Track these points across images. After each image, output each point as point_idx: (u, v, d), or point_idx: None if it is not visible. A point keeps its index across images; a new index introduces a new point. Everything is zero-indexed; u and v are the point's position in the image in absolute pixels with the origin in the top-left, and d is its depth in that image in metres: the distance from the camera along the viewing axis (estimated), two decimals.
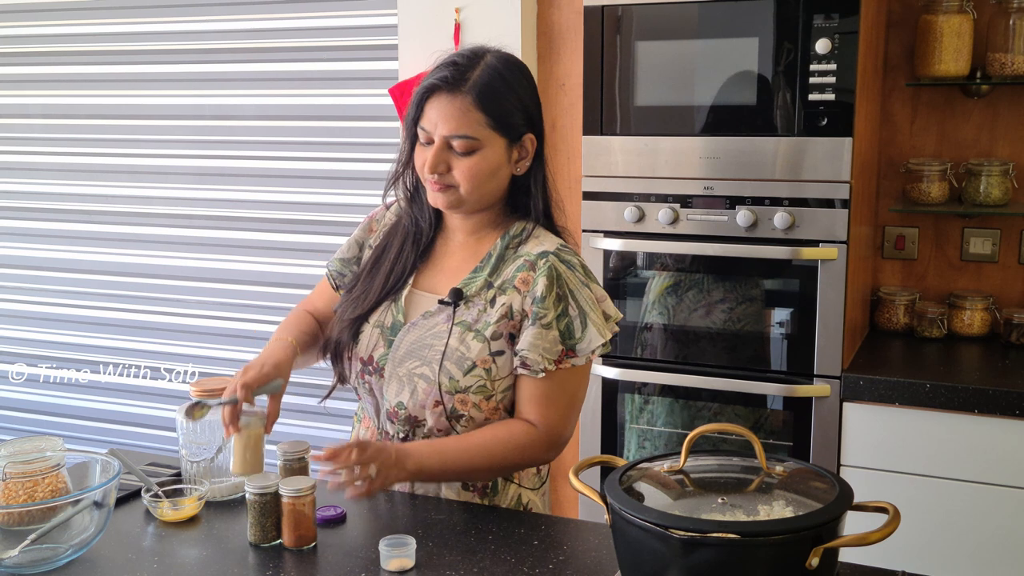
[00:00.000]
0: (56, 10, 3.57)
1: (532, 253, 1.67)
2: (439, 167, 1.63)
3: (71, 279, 3.76)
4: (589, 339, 1.65)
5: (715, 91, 2.41)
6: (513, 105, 1.64)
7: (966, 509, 2.27)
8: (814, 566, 1.14)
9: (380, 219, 1.85)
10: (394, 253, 1.76)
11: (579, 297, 1.66)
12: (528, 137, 1.68)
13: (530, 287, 1.64)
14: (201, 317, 3.57)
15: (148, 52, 3.47)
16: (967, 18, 2.53)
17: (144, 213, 3.60)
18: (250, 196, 3.42)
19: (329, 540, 1.54)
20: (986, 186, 2.58)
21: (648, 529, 1.17)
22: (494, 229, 1.73)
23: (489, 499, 1.71)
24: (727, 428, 1.36)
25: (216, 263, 3.51)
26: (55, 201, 3.73)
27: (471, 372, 1.63)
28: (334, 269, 1.87)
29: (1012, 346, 2.57)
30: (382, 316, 1.71)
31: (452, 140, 1.61)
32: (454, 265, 1.73)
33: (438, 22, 2.88)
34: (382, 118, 3.14)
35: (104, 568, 1.46)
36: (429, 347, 1.65)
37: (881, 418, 2.33)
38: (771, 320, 2.45)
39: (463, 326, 1.65)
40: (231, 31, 3.33)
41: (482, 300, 1.66)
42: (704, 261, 2.48)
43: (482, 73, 1.62)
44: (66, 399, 3.86)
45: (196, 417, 1.68)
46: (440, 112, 1.61)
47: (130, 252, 3.64)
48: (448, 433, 1.67)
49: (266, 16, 3.26)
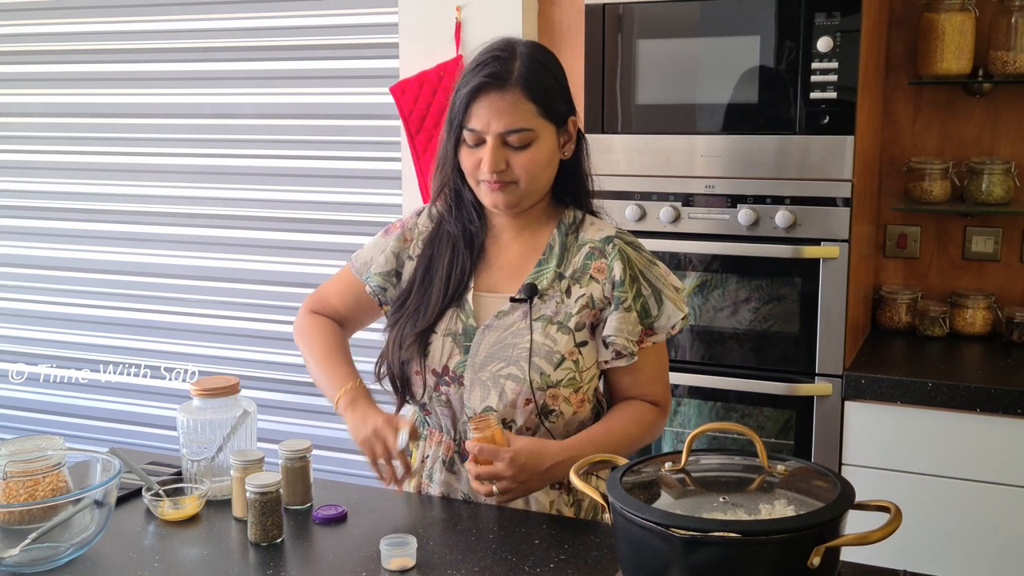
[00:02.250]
0: (57, 8, 3.57)
1: (596, 240, 1.68)
2: (499, 165, 1.60)
3: (72, 278, 3.76)
4: (668, 315, 1.67)
5: (717, 89, 2.40)
6: (555, 90, 1.64)
7: (968, 508, 2.27)
8: (815, 565, 1.14)
9: (413, 227, 1.79)
10: (446, 260, 1.71)
11: (649, 276, 1.68)
12: (571, 120, 1.68)
13: (606, 274, 1.65)
14: (202, 316, 3.56)
15: (149, 50, 3.46)
16: (969, 16, 2.52)
17: (145, 212, 3.59)
18: (251, 195, 3.41)
19: (330, 539, 1.53)
20: (988, 185, 2.58)
21: (650, 528, 1.17)
22: (547, 220, 1.72)
23: (573, 495, 1.70)
24: (728, 427, 1.36)
25: (216, 262, 3.51)
26: (56, 200, 3.73)
27: (561, 365, 1.62)
28: (375, 284, 1.79)
29: (1014, 345, 2.57)
30: (450, 324, 1.67)
31: (508, 136, 1.59)
32: (513, 261, 1.71)
33: (439, 20, 2.88)
34: (383, 116, 3.14)
35: (105, 567, 1.46)
36: (512, 346, 1.63)
37: (883, 417, 2.33)
38: (772, 319, 2.44)
39: (544, 320, 1.64)
40: (232, 29, 3.33)
41: (557, 292, 1.66)
42: (705, 260, 2.48)
43: (523, 64, 1.60)
44: (66, 398, 3.86)
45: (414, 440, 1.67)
46: (492, 109, 1.59)
47: (130, 251, 3.64)
48: (536, 431, 1.65)
49: (267, 14, 3.26)
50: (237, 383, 1.72)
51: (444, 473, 1.70)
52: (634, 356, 1.66)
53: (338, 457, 3.36)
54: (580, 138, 1.71)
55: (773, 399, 2.44)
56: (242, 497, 1.57)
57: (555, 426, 1.66)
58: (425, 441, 1.76)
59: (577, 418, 1.68)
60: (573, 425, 1.69)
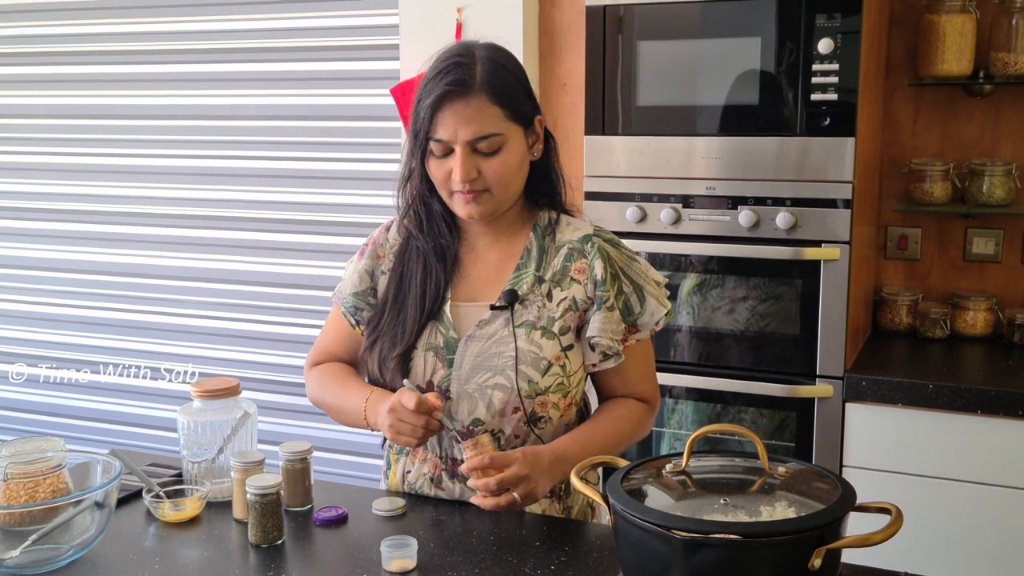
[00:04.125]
0: (56, 10, 3.57)
1: (574, 240, 1.67)
2: (471, 173, 1.56)
3: (72, 279, 3.76)
4: (651, 312, 1.66)
5: (717, 91, 2.40)
6: (520, 91, 1.62)
7: (969, 510, 2.27)
8: (816, 567, 1.14)
9: (384, 243, 1.74)
10: (419, 274, 1.66)
11: (630, 272, 1.67)
12: (538, 119, 1.65)
13: (587, 274, 1.64)
14: (202, 317, 3.57)
15: (149, 52, 3.47)
16: (970, 17, 2.52)
17: (145, 213, 3.59)
18: (250, 196, 3.42)
19: (330, 541, 1.53)
20: (989, 186, 2.58)
21: (650, 530, 1.17)
22: (522, 224, 1.70)
23: (563, 503, 1.69)
24: (729, 429, 1.36)
25: (217, 263, 3.51)
26: (56, 201, 3.73)
27: (548, 371, 1.60)
28: (349, 305, 1.74)
29: (1015, 346, 2.57)
30: (430, 338, 1.63)
31: (478, 143, 1.56)
32: (490, 269, 1.68)
33: (439, 22, 2.88)
34: (383, 118, 3.14)
35: (105, 569, 1.46)
36: (497, 355, 1.60)
37: (884, 419, 2.33)
38: (773, 320, 2.44)
39: (527, 326, 1.62)
40: (231, 31, 3.33)
41: (538, 296, 1.64)
42: (706, 262, 2.47)
43: (484, 68, 1.57)
44: (66, 399, 3.86)
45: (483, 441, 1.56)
46: (458, 117, 1.55)
47: (131, 252, 3.64)
48: (525, 440, 1.63)
49: (267, 16, 3.26)
50: (237, 384, 1.72)
51: (433, 490, 1.68)
52: (620, 356, 1.65)
53: (339, 459, 3.36)
54: (548, 137, 1.69)
55: (774, 401, 2.44)
56: (242, 499, 1.57)
57: (544, 432, 1.64)
58: (407, 457, 1.72)
59: (563, 421, 1.67)
60: (560, 430, 1.67)
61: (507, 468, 1.50)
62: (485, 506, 1.52)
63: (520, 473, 1.50)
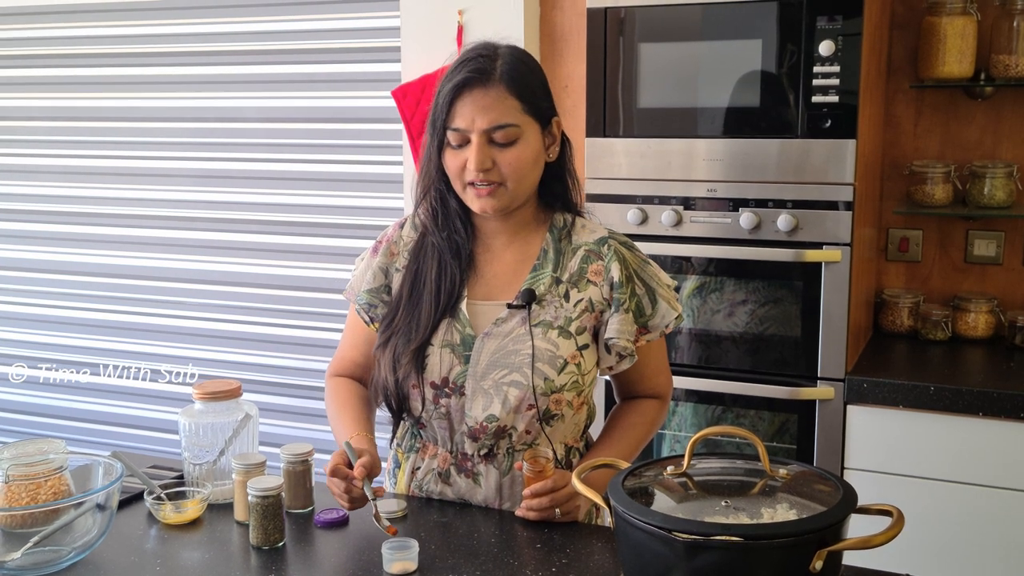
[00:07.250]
0: (57, 13, 3.58)
1: (590, 242, 1.68)
2: (486, 163, 1.57)
3: (72, 281, 3.76)
4: (662, 314, 1.68)
5: (718, 93, 2.40)
6: (539, 89, 1.64)
7: (970, 512, 2.27)
8: (818, 569, 1.14)
9: (398, 240, 1.75)
10: (434, 271, 1.67)
11: (644, 275, 1.69)
12: (555, 121, 1.67)
13: (604, 276, 1.66)
14: (204, 320, 3.57)
15: (150, 55, 3.47)
16: (971, 20, 2.52)
17: (146, 215, 3.60)
18: (252, 199, 3.42)
19: (331, 543, 1.53)
20: (990, 188, 2.58)
21: (652, 532, 1.16)
22: (537, 225, 1.71)
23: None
24: (730, 431, 1.36)
25: (218, 265, 3.51)
26: (57, 203, 3.73)
27: (564, 370, 1.62)
28: (363, 302, 1.74)
29: (1017, 348, 2.57)
30: (446, 335, 1.64)
31: (494, 132, 1.57)
32: (507, 269, 1.69)
33: (441, 24, 2.88)
34: (384, 120, 3.14)
35: (107, 570, 1.46)
36: (514, 352, 1.62)
37: (885, 421, 2.32)
38: (774, 322, 2.44)
39: (544, 325, 1.63)
40: (233, 33, 3.33)
41: (555, 297, 1.65)
42: (707, 264, 2.47)
43: (505, 62, 1.60)
44: (67, 401, 3.86)
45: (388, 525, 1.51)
46: (476, 106, 1.57)
47: (132, 254, 3.64)
48: (536, 436, 1.65)
49: (268, 18, 3.27)
50: (239, 387, 1.72)
51: (440, 484, 1.69)
52: (635, 356, 1.67)
53: None
54: (564, 140, 1.71)
55: (775, 403, 2.44)
56: (244, 501, 1.57)
57: (554, 431, 1.66)
58: (417, 454, 1.73)
59: (574, 420, 1.69)
60: (571, 428, 1.69)
61: (563, 488, 1.55)
62: (530, 517, 1.57)
63: (571, 493, 1.55)
